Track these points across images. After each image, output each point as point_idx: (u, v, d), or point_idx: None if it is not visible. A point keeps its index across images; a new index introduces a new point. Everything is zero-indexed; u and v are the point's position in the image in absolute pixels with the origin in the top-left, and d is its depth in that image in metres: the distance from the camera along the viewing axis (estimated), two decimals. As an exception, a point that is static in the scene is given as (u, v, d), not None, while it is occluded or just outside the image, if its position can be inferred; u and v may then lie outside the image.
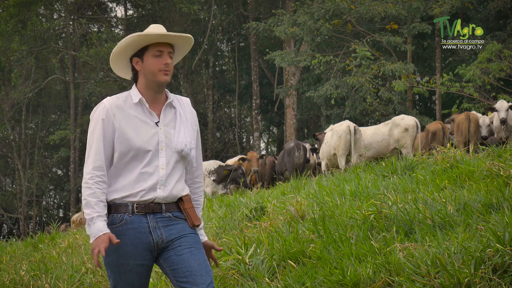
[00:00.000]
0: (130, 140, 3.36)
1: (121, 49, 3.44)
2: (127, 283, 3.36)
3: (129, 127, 3.38)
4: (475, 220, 5.16)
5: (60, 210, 35.60)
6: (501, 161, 6.55)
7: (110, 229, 3.32)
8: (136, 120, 3.40)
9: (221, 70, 33.24)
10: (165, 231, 3.37)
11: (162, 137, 3.40)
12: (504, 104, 11.79)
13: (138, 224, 3.34)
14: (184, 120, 3.47)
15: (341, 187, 7.70)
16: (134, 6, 28.98)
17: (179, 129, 3.43)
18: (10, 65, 26.64)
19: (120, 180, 3.38)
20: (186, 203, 3.46)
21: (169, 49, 3.43)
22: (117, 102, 3.42)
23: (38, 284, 6.57)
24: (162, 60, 3.41)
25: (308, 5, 20.55)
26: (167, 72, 3.41)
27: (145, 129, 3.39)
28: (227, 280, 5.42)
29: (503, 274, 4.17)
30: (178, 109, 3.49)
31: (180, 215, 3.44)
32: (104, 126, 3.37)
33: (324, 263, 5.08)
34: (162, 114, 3.45)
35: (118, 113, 3.39)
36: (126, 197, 3.35)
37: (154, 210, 3.36)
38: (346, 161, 12.17)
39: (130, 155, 3.37)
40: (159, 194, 3.36)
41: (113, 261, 3.34)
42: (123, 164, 3.38)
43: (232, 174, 14.14)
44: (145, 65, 3.42)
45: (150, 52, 3.41)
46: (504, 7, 19.83)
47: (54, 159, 30.94)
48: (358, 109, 18.95)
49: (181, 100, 3.55)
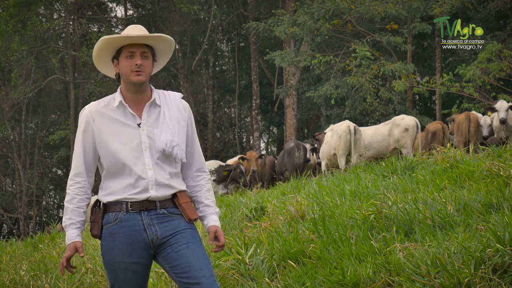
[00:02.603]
0: (109, 145, 3.38)
1: (97, 52, 3.47)
2: (124, 281, 3.36)
3: (108, 132, 3.39)
4: (475, 220, 5.16)
5: (60, 210, 35.58)
6: (501, 161, 6.55)
7: (105, 228, 3.37)
8: (117, 123, 3.41)
9: (221, 70, 33.24)
10: (160, 228, 3.37)
11: (145, 138, 3.39)
12: (504, 104, 11.78)
13: (133, 222, 3.35)
14: (168, 117, 3.44)
15: (341, 187, 7.70)
16: (134, 6, 28.99)
17: (161, 128, 3.41)
18: (10, 65, 26.62)
19: (112, 184, 3.40)
20: (182, 198, 3.45)
21: (142, 50, 3.42)
22: (98, 107, 3.44)
23: (38, 284, 6.57)
24: (134, 61, 3.40)
25: (308, 5, 20.55)
26: (139, 72, 3.39)
27: (126, 131, 3.39)
28: (227, 280, 5.42)
29: (503, 274, 4.17)
30: (163, 107, 3.47)
31: (175, 211, 3.43)
32: (84, 134, 3.44)
33: (324, 263, 5.07)
34: (145, 115, 3.44)
35: (98, 119, 3.41)
36: (120, 198, 3.37)
37: (148, 208, 3.37)
38: (346, 161, 12.17)
39: (114, 159, 3.38)
40: (153, 194, 3.37)
41: (109, 260, 3.36)
42: (112, 168, 3.39)
43: (232, 174, 14.12)
44: (120, 66, 3.44)
45: (123, 54, 3.42)
46: (504, 7, 19.82)
47: (54, 159, 30.92)
48: (358, 109, 18.94)
49: (168, 97, 3.53)
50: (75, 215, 3.40)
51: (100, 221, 3.40)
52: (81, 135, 3.44)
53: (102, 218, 3.40)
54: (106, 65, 3.55)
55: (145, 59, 3.43)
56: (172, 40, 3.52)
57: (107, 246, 3.35)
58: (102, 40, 3.40)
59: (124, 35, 3.39)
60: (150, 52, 3.46)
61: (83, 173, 3.43)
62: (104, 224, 3.38)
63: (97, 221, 3.40)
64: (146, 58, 3.43)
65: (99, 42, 3.41)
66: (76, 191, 3.42)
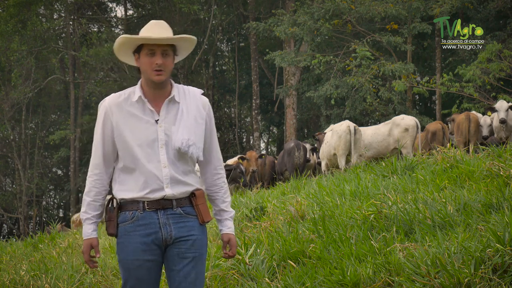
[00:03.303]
0: (126, 139, 3.37)
1: (118, 47, 3.44)
2: (137, 279, 3.37)
3: (126, 126, 3.38)
4: (475, 220, 5.16)
5: (60, 210, 35.60)
6: (501, 161, 6.55)
7: (121, 226, 3.39)
8: (134, 118, 3.39)
9: (221, 70, 33.25)
10: (175, 228, 3.38)
11: (162, 135, 3.37)
12: (504, 104, 11.78)
13: (149, 220, 3.37)
14: (186, 115, 3.41)
15: (341, 187, 7.70)
16: (134, 6, 28.99)
17: (178, 125, 3.39)
18: (10, 65, 26.62)
19: (128, 179, 3.40)
20: (199, 198, 3.45)
21: (163, 48, 3.38)
22: (118, 99, 3.42)
23: (38, 284, 6.57)
24: (154, 59, 3.36)
25: (308, 5, 20.55)
26: (160, 72, 3.36)
27: (143, 127, 3.37)
28: (227, 280, 5.42)
29: (503, 274, 4.17)
30: (181, 103, 3.44)
31: (191, 211, 3.44)
32: (103, 125, 3.42)
33: (324, 263, 5.07)
34: (163, 111, 3.41)
35: (117, 112, 3.39)
36: (136, 197, 3.38)
37: (164, 206, 3.38)
38: (346, 161, 12.17)
39: (129, 154, 3.37)
40: (168, 192, 3.37)
41: (123, 258, 3.38)
42: (128, 162, 3.39)
43: (232, 174, 14.12)
44: (140, 62, 3.41)
45: (144, 51, 3.38)
46: (504, 7, 19.82)
47: (54, 159, 30.93)
48: (358, 109, 18.94)
49: (188, 93, 3.49)
50: (91, 209, 3.43)
51: (115, 220, 3.41)
52: (100, 126, 3.43)
53: (117, 216, 3.41)
54: (127, 56, 3.51)
55: (166, 57, 3.39)
56: (194, 39, 3.47)
57: (122, 244, 3.38)
58: (122, 38, 3.38)
59: (146, 36, 3.35)
60: (171, 49, 3.42)
61: (101, 165, 3.43)
62: (120, 222, 3.40)
63: (112, 220, 3.41)
64: (167, 56, 3.40)
65: (119, 39, 3.39)
66: (94, 184, 3.43)
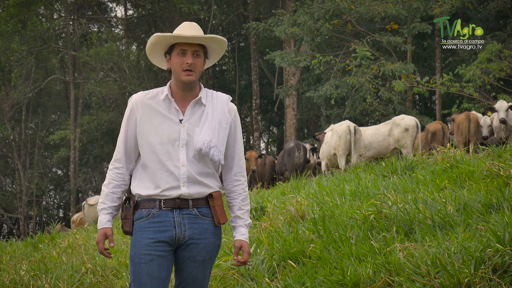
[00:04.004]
0: (148, 136, 3.43)
1: (150, 47, 3.51)
2: (147, 274, 3.37)
3: (149, 123, 3.44)
4: (475, 220, 5.16)
5: (60, 210, 35.61)
6: (501, 161, 6.55)
7: (136, 223, 3.43)
8: (159, 116, 3.44)
9: (221, 70, 33.26)
10: (189, 229, 3.41)
11: (184, 135, 3.41)
12: (503, 104, 11.78)
13: (164, 218, 3.40)
14: (210, 118, 3.45)
15: (341, 187, 7.70)
16: (134, 6, 28.99)
17: (202, 127, 3.43)
18: (10, 65, 26.64)
19: (146, 176, 3.43)
20: (216, 200, 3.48)
21: (194, 48, 3.43)
22: (145, 97, 3.49)
23: (38, 284, 6.57)
24: (185, 59, 3.42)
25: (308, 5, 20.56)
26: (189, 72, 3.41)
27: (166, 125, 3.42)
28: (227, 280, 5.42)
29: (503, 274, 4.17)
30: (208, 106, 3.48)
31: (208, 212, 3.47)
32: (128, 121, 3.50)
33: (324, 263, 5.07)
34: (189, 112, 3.46)
35: (142, 108, 3.46)
36: (152, 194, 3.41)
37: (180, 206, 3.41)
38: (346, 161, 12.17)
39: (149, 150, 3.42)
40: (184, 191, 3.40)
41: (135, 252, 3.39)
42: (147, 159, 3.43)
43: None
44: (171, 63, 3.47)
45: (175, 51, 3.44)
46: (504, 7, 19.82)
47: (54, 159, 30.92)
48: (358, 109, 18.94)
49: (216, 97, 3.53)
50: (108, 200, 3.47)
51: (131, 217, 3.44)
52: (126, 122, 3.50)
53: (133, 214, 3.44)
54: (159, 58, 3.58)
55: (196, 58, 3.44)
56: (224, 40, 3.52)
57: (135, 239, 3.40)
58: (155, 37, 3.44)
59: (177, 34, 3.41)
60: (202, 51, 3.47)
61: (123, 159, 3.49)
62: (136, 220, 3.43)
63: (128, 218, 3.44)
64: (198, 57, 3.45)
65: (152, 38, 3.46)
66: (113, 176, 3.49)
